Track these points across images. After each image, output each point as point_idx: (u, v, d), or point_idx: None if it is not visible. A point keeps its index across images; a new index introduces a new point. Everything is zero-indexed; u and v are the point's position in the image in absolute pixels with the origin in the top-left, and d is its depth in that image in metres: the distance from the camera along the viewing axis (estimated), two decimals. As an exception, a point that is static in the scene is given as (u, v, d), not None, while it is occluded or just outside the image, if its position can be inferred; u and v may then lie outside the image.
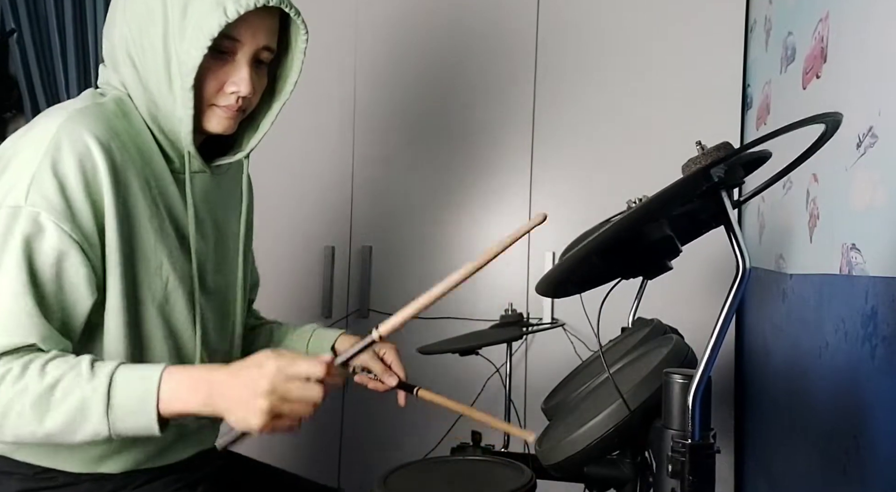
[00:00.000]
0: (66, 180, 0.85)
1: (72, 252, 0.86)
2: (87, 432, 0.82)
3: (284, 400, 0.81)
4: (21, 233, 0.83)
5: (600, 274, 0.93)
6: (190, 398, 0.82)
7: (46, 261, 0.84)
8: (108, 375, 0.82)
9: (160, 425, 0.82)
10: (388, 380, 1.17)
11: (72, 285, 0.87)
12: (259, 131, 1.07)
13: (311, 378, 0.82)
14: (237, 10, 0.89)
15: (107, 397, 0.81)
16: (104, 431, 0.82)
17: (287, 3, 0.95)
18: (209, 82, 0.94)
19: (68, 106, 0.92)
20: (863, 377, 1.08)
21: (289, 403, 0.81)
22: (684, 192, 0.72)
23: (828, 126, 0.75)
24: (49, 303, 0.85)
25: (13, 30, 2.33)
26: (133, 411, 0.81)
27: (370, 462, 2.07)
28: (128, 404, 0.81)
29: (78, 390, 0.81)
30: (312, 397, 0.82)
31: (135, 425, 0.82)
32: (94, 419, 0.81)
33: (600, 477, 0.94)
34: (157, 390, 0.82)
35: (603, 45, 2.00)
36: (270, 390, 0.80)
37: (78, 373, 0.82)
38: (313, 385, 0.82)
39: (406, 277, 2.09)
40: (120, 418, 0.81)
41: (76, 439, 0.82)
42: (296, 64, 1.05)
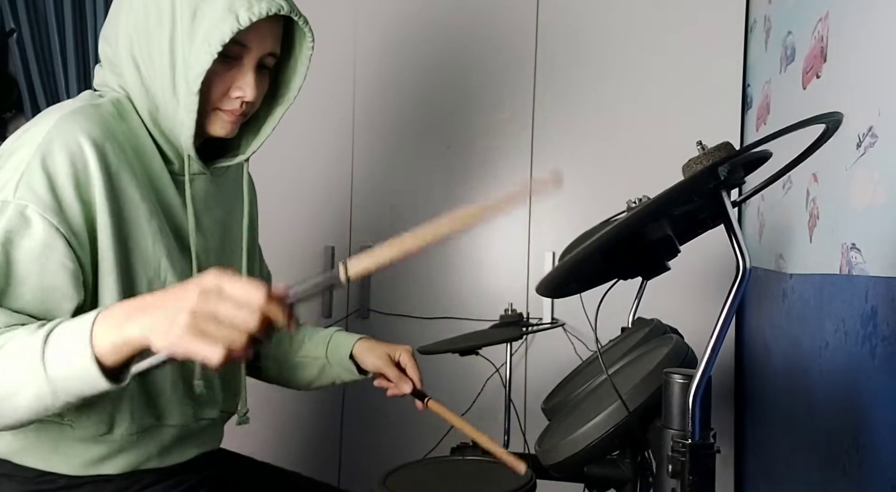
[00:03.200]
0: (55, 177, 0.85)
1: (59, 246, 0.85)
2: (29, 390, 0.73)
3: (211, 319, 0.67)
4: (4, 226, 0.82)
5: (600, 274, 0.93)
6: (122, 320, 0.71)
7: (30, 254, 0.83)
8: (52, 326, 0.75)
9: (101, 368, 0.71)
10: (402, 387, 1.17)
11: (56, 281, 0.85)
12: (260, 135, 1.07)
13: (249, 303, 0.68)
14: (249, 17, 0.89)
15: (43, 344, 0.73)
16: (42, 383, 0.72)
17: (297, 12, 0.96)
18: (215, 87, 0.95)
19: (64, 106, 0.92)
20: (863, 377, 1.08)
21: (216, 324, 0.67)
22: (689, 191, 0.72)
23: (828, 126, 0.75)
24: (25, 296, 0.84)
25: (13, 30, 2.33)
26: (66, 351, 0.72)
27: (370, 462, 2.07)
28: (62, 346, 0.72)
29: (20, 347, 0.74)
30: (244, 323, 0.67)
31: (71, 369, 0.72)
32: (32, 372, 0.73)
33: (600, 477, 0.94)
34: (91, 325, 0.72)
35: (603, 45, 2.00)
36: (197, 304, 0.67)
37: (25, 332, 0.76)
38: (249, 310, 0.68)
39: (406, 277, 2.09)
40: (54, 364, 0.72)
41: (21, 404, 0.74)
42: (300, 69, 1.05)
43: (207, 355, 0.67)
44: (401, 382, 1.17)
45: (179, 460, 1.05)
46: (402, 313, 2.08)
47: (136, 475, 1.00)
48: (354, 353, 1.20)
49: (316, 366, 1.23)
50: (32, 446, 0.94)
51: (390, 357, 1.19)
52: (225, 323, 0.68)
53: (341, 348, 1.21)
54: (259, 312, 0.68)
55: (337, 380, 1.24)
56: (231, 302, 0.68)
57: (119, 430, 0.96)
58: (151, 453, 1.01)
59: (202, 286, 0.69)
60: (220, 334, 0.67)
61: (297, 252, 2.15)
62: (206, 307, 0.68)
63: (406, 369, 1.18)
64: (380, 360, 1.18)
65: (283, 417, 2.16)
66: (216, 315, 0.68)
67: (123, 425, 0.96)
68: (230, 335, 0.68)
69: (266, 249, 1.34)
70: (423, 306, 2.06)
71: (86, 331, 0.72)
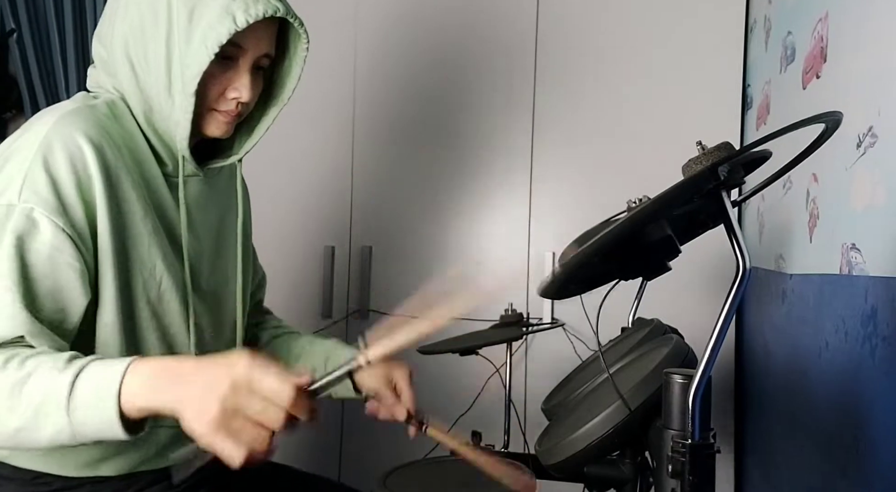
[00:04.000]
0: (58, 178, 0.85)
1: (66, 247, 0.85)
2: (48, 428, 0.74)
3: (240, 415, 0.69)
4: (14, 229, 0.83)
5: (601, 275, 0.93)
6: (152, 389, 0.73)
7: (40, 257, 0.84)
8: (80, 367, 0.75)
9: (123, 423, 0.72)
10: (396, 414, 1.11)
11: (66, 281, 0.86)
12: (254, 136, 1.08)
13: (277, 401, 0.69)
14: (246, 19, 0.90)
15: (70, 387, 0.73)
16: (65, 426, 0.73)
17: (293, 14, 0.96)
18: (211, 88, 0.95)
19: (60, 108, 0.93)
20: (863, 377, 1.08)
21: (244, 420, 0.69)
22: (689, 191, 0.72)
23: (828, 126, 0.75)
24: (41, 299, 0.84)
25: (13, 30, 2.33)
26: (93, 404, 0.73)
27: (370, 462, 2.07)
28: (88, 395, 0.73)
29: (47, 382, 0.74)
30: (270, 420, 0.69)
31: (95, 420, 0.73)
32: (55, 412, 0.73)
33: (600, 477, 0.94)
34: (119, 381, 0.72)
35: (603, 45, 2.00)
36: (228, 397, 0.68)
37: (53, 366, 0.76)
38: (275, 409, 0.69)
39: (406, 277, 2.09)
40: (80, 412, 0.73)
41: (41, 438, 0.75)
42: (294, 70, 1.05)
43: (231, 455, 0.69)
44: (395, 407, 1.11)
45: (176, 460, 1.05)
46: (402, 314, 2.08)
47: (134, 476, 1.00)
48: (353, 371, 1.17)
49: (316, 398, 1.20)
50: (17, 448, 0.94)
51: (388, 380, 1.12)
52: (251, 420, 0.69)
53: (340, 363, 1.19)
54: (287, 409, 0.69)
55: (333, 395, 1.21)
56: (260, 398, 0.69)
57: None
58: (148, 453, 1.01)
59: (234, 378, 0.69)
60: (246, 433, 0.69)
61: (297, 252, 2.15)
62: (236, 402, 0.69)
63: (401, 393, 1.11)
64: (378, 382, 1.12)
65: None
66: (246, 412, 0.69)
67: None
68: (253, 434, 0.69)
69: (266, 249, 1.34)
70: (423, 306, 2.06)
71: (114, 387, 0.73)
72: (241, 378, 0.69)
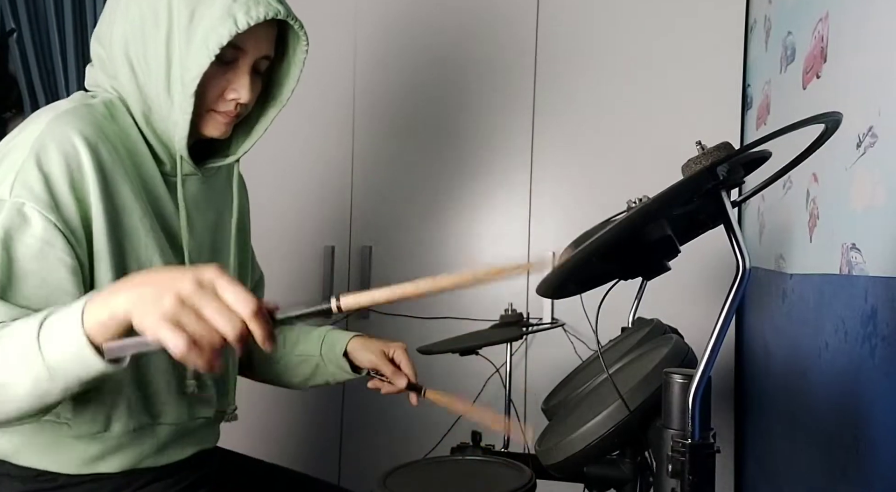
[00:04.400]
0: (50, 175, 0.85)
1: (57, 242, 0.85)
2: (26, 376, 0.72)
3: (194, 314, 0.66)
4: (2, 224, 0.83)
5: (600, 275, 0.93)
6: (107, 296, 0.70)
7: (30, 251, 0.84)
8: (49, 311, 0.74)
9: (94, 347, 0.70)
10: (397, 382, 1.18)
11: (57, 276, 0.85)
12: (252, 137, 1.08)
13: (237, 310, 0.67)
14: (248, 21, 0.90)
15: (38, 327, 0.72)
16: (40, 367, 0.71)
17: (293, 16, 0.96)
18: (210, 89, 0.95)
19: (57, 107, 0.93)
20: (863, 377, 1.08)
21: (196, 319, 0.66)
22: (689, 191, 0.72)
23: (828, 126, 0.75)
24: (27, 293, 0.84)
25: (13, 30, 2.32)
26: (59, 334, 0.71)
27: (370, 462, 2.07)
28: (55, 328, 0.72)
29: (17, 334, 0.74)
30: (225, 326, 0.66)
31: (66, 350, 0.71)
32: (28, 356, 0.72)
33: (600, 477, 0.94)
34: (83, 304, 0.71)
35: (603, 45, 2.00)
36: (188, 291, 0.66)
37: (23, 322, 0.75)
38: (233, 317, 0.66)
39: (406, 277, 2.06)
40: (49, 346, 0.71)
41: (20, 392, 0.73)
42: (293, 72, 1.06)
43: (170, 344, 0.65)
44: (395, 377, 1.19)
45: (176, 458, 1.05)
46: (402, 313, 2.08)
47: (134, 474, 1.01)
48: (348, 350, 1.21)
49: (310, 365, 1.23)
50: (30, 446, 0.94)
51: (384, 353, 1.20)
52: (205, 321, 0.66)
53: (335, 346, 1.22)
54: (242, 322, 0.67)
55: (331, 379, 1.24)
56: (220, 303, 0.67)
57: (115, 428, 0.96)
58: (148, 451, 1.01)
59: (199, 278, 0.67)
60: (194, 329, 0.66)
61: (297, 252, 2.15)
62: (194, 300, 0.66)
63: (400, 364, 1.20)
64: (374, 355, 1.20)
65: (283, 417, 2.16)
66: (201, 310, 0.66)
67: (120, 423, 0.96)
68: (207, 334, 0.66)
69: (266, 249, 1.34)
70: (423, 306, 2.06)
71: (77, 310, 0.71)
72: (207, 280, 0.68)
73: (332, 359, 1.21)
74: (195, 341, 0.66)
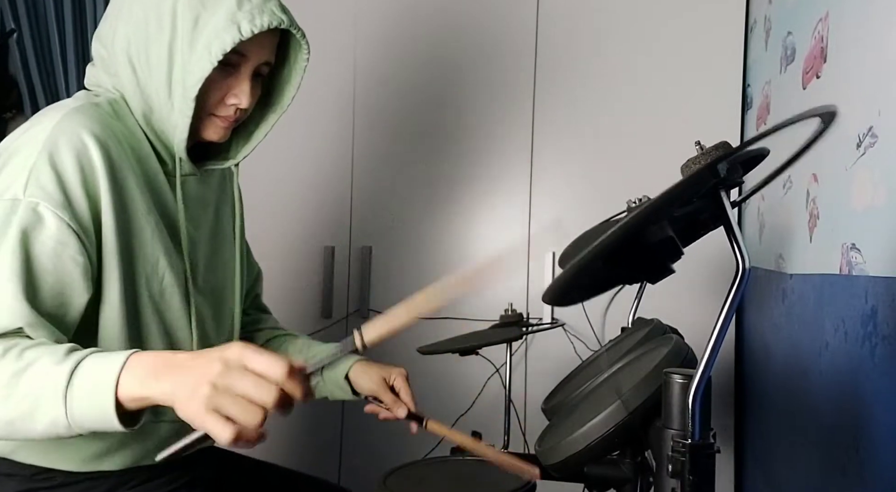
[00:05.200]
0: (63, 173, 0.86)
1: (71, 242, 0.85)
2: (45, 418, 0.74)
3: (231, 394, 0.68)
4: (19, 223, 0.83)
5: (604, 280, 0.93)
6: (147, 378, 0.72)
7: (44, 251, 0.84)
8: (79, 358, 0.75)
9: (119, 414, 0.72)
10: (397, 412, 1.16)
11: (70, 276, 0.86)
12: (252, 141, 1.09)
13: (270, 379, 0.68)
14: (251, 29, 0.91)
15: (68, 378, 0.73)
16: (61, 416, 0.73)
17: (296, 25, 0.97)
18: (212, 94, 0.96)
19: (65, 105, 0.93)
20: (863, 377, 1.08)
21: (235, 398, 0.68)
22: (689, 190, 0.72)
23: (824, 120, 0.75)
24: (43, 292, 0.84)
25: (13, 30, 2.32)
26: (89, 394, 0.73)
27: (370, 462, 2.07)
28: (86, 385, 0.73)
29: (45, 373, 0.75)
30: (262, 398, 0.67)
31: (91, 410, 0.73)
32: (52, 402, 0.73)
33: (600, 477, 0.94)
34: (118, 372, 0.72)
35: (603, 45, 2.00)
36: (219, 377, 0.68)
37: (52, 357, 0.76)
38: (268, 386, 0.68)
39: (406, 277, 2.09)
40: (76, 402, 0.73)
41: (36, 428, 0.75)
42: (294, 79, 1.06)
43: (219, 435, 0.67)
44: (395, 406, 1.16)
45: None
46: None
47: (133, 472, 1.01)
48: (349, 375, 1.20)
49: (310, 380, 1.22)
50: (31, 444, 0.94)
51: (385, 381, 1.18)
52: (242, 398, 0.68)
53: (337, 369, 1.21)
54: (278, 388, 0.68)
55: (329, 396, 1.23)
56: (252, 377, 0.68)
57: None
58: (148, 449, 1.01)
59: (225, 359, 0.69)
60: (235, 411, 0.67)
61: (297, 252, 2.15)
62: (227, 381, 0.68)
63: (400, 393, 1.17)
64: (374, 384, 1.17)
65: (283, 417, 2.16)
66: (235, 390, 0.68)
67: None
68: (248, 413, 0.68)
69: (266, 249, 1.34)
70: (423, 306, 2.06)
71: (112, 378, 0.73)
72: (234, 358, 0.69)
73: (333, 380, 1.21)
74: (238, 424, 0.67)
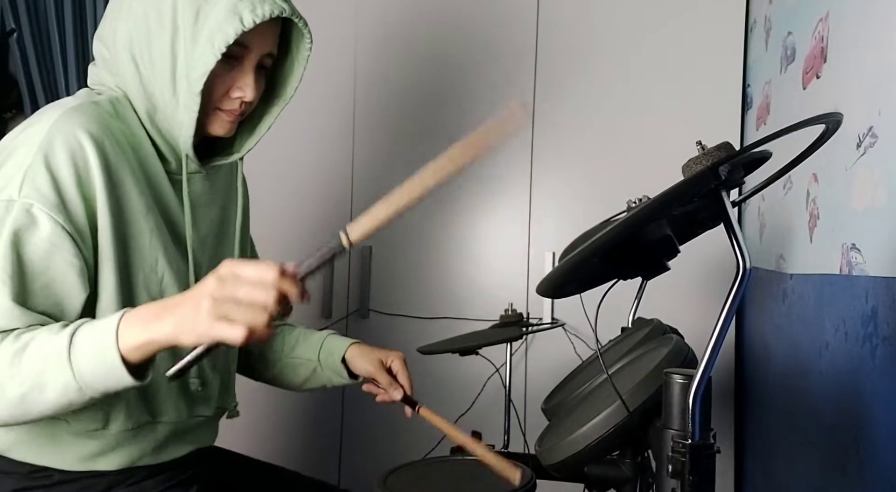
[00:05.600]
0: (58, 175, 0.85)
1: (65, 244, 0.85)
2: (55, 386, 0.77)
3: (232, 302, 0.72)
4: (12, 224, 0.83)
5: (600, 274, 0.93)
6: (147, 323, 0.76)
7: (37, 252, 0.84)
8: (76, 325, 0.79)
9: (126, 365, 0.76)
10: (393, 394, 1.17)
11: (63, 278, 0.86)
12: (256, 134, 1.08)
13: (264, 282, 0.72)
14: (253, 19, 0.90)
15: (69, 341, 0.77)
16: (70, 379, 0.76)
17: (297, 14, 0.97)
18: (216, 88, 0.96)
19: (63, 104, 0.93)
20: (863, 377, 1.08)
21: (237, 306, 0.72)
22: (690, 191, 0.72)
23: (828, 126, 0.75)
24: (36, 293, 0.84)
25: (13, 30, 2.32)
26: (93, 350, 0.76)
27: (370, 462, 2.07)
28: (88, 344, 0.77)
29: (45, 344, 0.78)
30: (262, 300, 0.72)
31: (98, 366, 0.76)
32: (58, 368, 0.76)
33: (600, 477, 0.94)
34: (116, 324, 0.76)
35: (603, 44, 2.00)
36: (216, 289, 0.72)
37: (48, 331, 0.79)
38: (265, 288, 0.72)
39: (406, 277, 2.09)
40: (82, 361, 0.76)
41: (48, 399, 0.78)
42: (297, 70, 1.06)
43: (232, 337, 0.71)
44: (391, 388, 1.17)
45: (174, 456, 1.05)
46: (402, 313, 2.08)
47: (131, 471, 1.01)
48: (346, 357, 1.20)
49: (308, 368, 1.23)
50: (27, 441, 0.94)
51: (382, 362, 1.18)
52: (244, 303, 0.72)
53: (334, 353, 1.21)
54: (274, 289, 0.72)
55: (328, 383, 1.24)
56: (247, 283, 0.72)
57: (114, 426, 0.96)
58: (146, 449, 1.01)
59: (218, 274, 0.73)
60: (242, 315, 0.72)
61: (296, 252, 2.15)
62: (225, 292, 0.72)
63: (397, 375, 1.18)
64: (371, 365, 1.18)
65: (283, 416, 2.16)
66: (235, 297, 0.72)
67: (118, 420, 0.96)
68: (251, 314, 0.72)
69: (265, 248, 1.34)
70: (422, 306, 2.06)
71: (111, 331, 0.76)
72: (225, 272, 0.73)
73: (330, 365, 1.21)
74: (246, 325, 0.72)
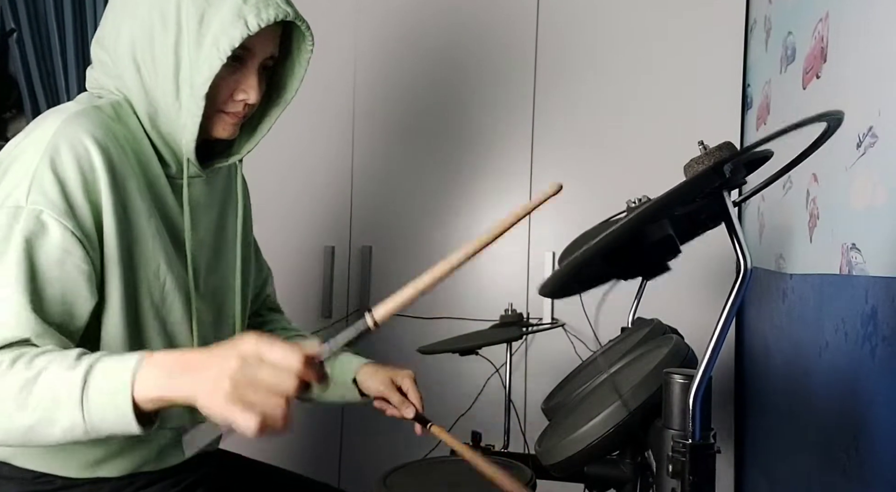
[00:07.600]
0: (65, 180, 0.85)
1: (75, 250, 0.85)
2: (62, 424, 0.75)
3: (252, 386, 0.69)
4: (22, 232, 0.82)
5: (601, 275, 0.93)
6: (165, 379, 0.74)
7: (49, 259, 0.84)
8: (91, 362, 0.76)
9: (137, 417, 0.74)
10: (405, 412, 1.17)
11: (75, 284, 0.86)
12: (256, 136, 1.09)
13: (287, 368, 0.70)
14: (258, 23, 0.91)
15: (83, 382, 0.74)
16: (78, 421, 0.74)
17: (300, 17, 0.97)
18: (220, 90, 0.95)
19: (66, 109, 0.92)
20: (863, 377, 1.08)
21: (256, 390, 0.69)
22: (693, 190, 0.72)
23: (830, 124, 0.75)
24: (49, 301, 0.84)
25: (13, 30, 2.32)
26: (106, 397, 0.74)
27: (370, 462, 2.07)
28: (102, 389, 0.74)
29: (59, 379, 0.75)
30: (283, 387, 0.69)
31: (109, 413, 0.74)
32: (68, 408, 0.74)
33: (600, 477, 0.94)
34: (133, 374, 0.74)
35: (603, 44, 2.00)
36: (238, 371, 0.69)
37: (62, 362, 0.77)
38: (287, 375, 0.69)
39: (406, 277, 2.07)
40: (94, 406, 0.74)
41: (53, 434, 0.76)
42: (298, 72, 1.06)
43: (245, 426, 0.68)
44: (403, 406, 1.17)
45: (177, 461, 1.05)
46: (402, 313, 2.07)
47: (133, 477, 1.01)
48: (357, 378, 1.20)
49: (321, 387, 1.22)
50: (30, 449, 0.94)
51: (392, 382, 1.19)
52: (263, 389, 0.69)
53: (346, 372, 1.21)
54: (297, 377, 0.70)
55: (339, 400, 1.23)
56: (270, 368, 0.70)
57: None
58: (149, 455, 1.01)
59: (241, 353, 0.70)
60: (259, 401, 0.69)
61: (297, 252, 2.15)
62: (247, 375, 0.69)
63: (408, 394, 1.18)
64: (382, 385, 1.18)
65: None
66: (255, 381, 0.69)
67: None
68: (271, 402, 0.69)
69: (266, 249, 1.34)
70: (423, 306, 2.06)
71: (127, 381, 0.74)
72: (250, 351, 0.70)
73: (342, 383, 1.21)
74: (263, 414, 0.69)
